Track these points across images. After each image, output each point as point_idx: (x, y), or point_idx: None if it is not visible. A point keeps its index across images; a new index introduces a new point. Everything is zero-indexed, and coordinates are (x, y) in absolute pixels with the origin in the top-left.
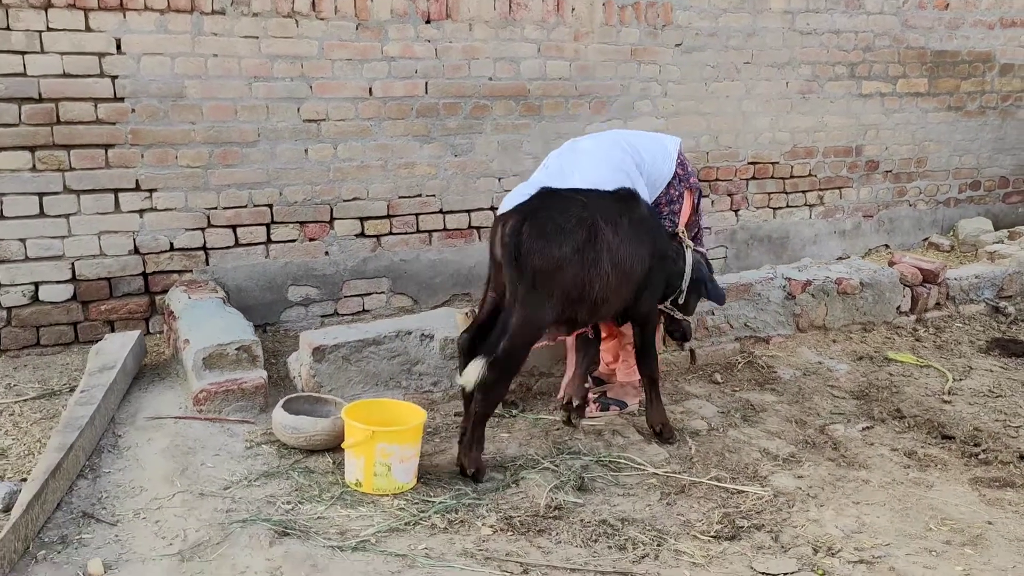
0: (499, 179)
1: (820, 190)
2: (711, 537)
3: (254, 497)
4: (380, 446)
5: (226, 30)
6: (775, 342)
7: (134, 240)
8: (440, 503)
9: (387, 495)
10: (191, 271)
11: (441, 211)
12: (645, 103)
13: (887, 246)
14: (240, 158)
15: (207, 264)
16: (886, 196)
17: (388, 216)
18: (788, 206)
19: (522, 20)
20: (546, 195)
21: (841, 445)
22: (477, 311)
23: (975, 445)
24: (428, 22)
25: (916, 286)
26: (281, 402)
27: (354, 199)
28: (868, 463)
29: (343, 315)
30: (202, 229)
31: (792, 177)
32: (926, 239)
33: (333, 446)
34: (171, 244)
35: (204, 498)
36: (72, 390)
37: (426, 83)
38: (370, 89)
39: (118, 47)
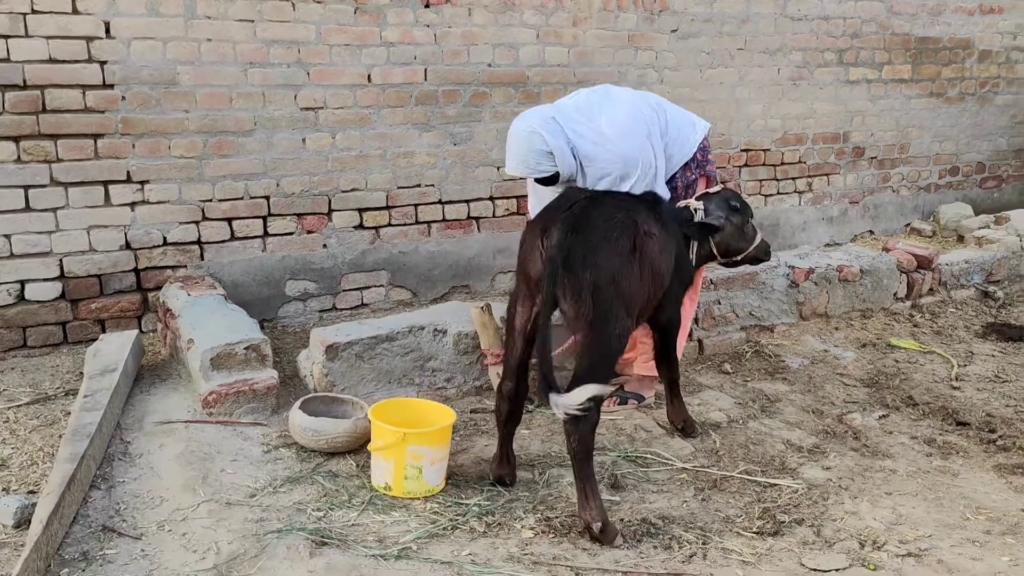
0: (498, 168)
1: (809, 176)
2: (755, 533)
3: (282, 505)
4: (411, 448)
5: (220, 13)
6: (779, 330)
7: (125, 235)
8: (475, 505)
9: (418, 498)
10: (185, 266)
11: (440, 201)
12: (642, 90)
13: (871, 232)
14: (236, 148)
15: (202, 259)
16: (871, 182)
17: (387, 207)
18: (779, 193)
19: (521, 5)
20: (586, 202)
21: (861, 434)
22: (507, 348)
23: (991, 431)
24: (427, 6)
25: (911, 272)
26: (298, 403)
27: (353, 190)
28: (891, 452)
29: (341, 310)
30: (196, 222)
31: (783, 164)
32: (908, 224)
33: (354, 448)
34: (164, 238)
35: (231, 507)
36: (67, 394)
37: (425, 69)
38: (369, 76)
39: (107, 31)
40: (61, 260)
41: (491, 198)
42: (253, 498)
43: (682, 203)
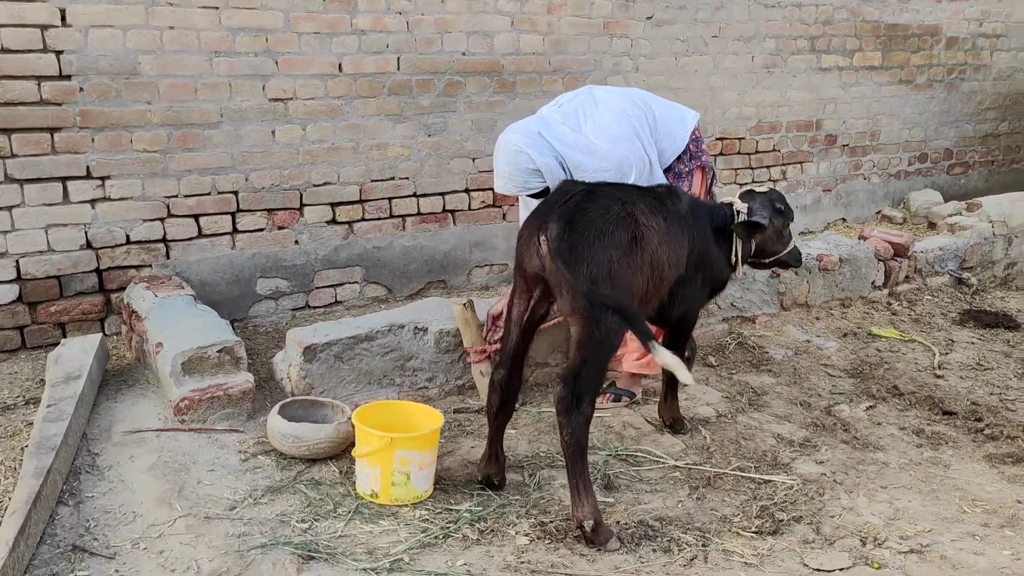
0: (473, 160)
1: (783, 165)
2: (754, 533)
3: (265, 517)
4: (399, 454)
5: (183, 0)
6: (761, 321)
7: (86, 233)
8: (466, 511)
9: (406, 505)
10: (150, 266)
11: (415, 194)
12: (617, 78)
13: (844, 220)
14: (201, 141)
15: (168, 258)
16: (843, 170)
17: (360, 201)
18: (753, 182)
19: None
20: (582, 195)
21: (851, 426)
22: (503, 340)
23: (977, 420)
24: None
25: (888, 260)
26: (276, 408)
27: (325, 183)
28: (881, 444)
29: (315, 308)
30: (161, 220)
31: (757, 152)
32: (879, 212)
33: (337, 453)
34: (127, 237)
35: (210, 521)
36: (28, 403)
37: (398, 58)
38: (340, 65)
39: (63, 18)
40: (17, 261)
41: (466, 190)
42: (233, 510)
43: (725, 199)
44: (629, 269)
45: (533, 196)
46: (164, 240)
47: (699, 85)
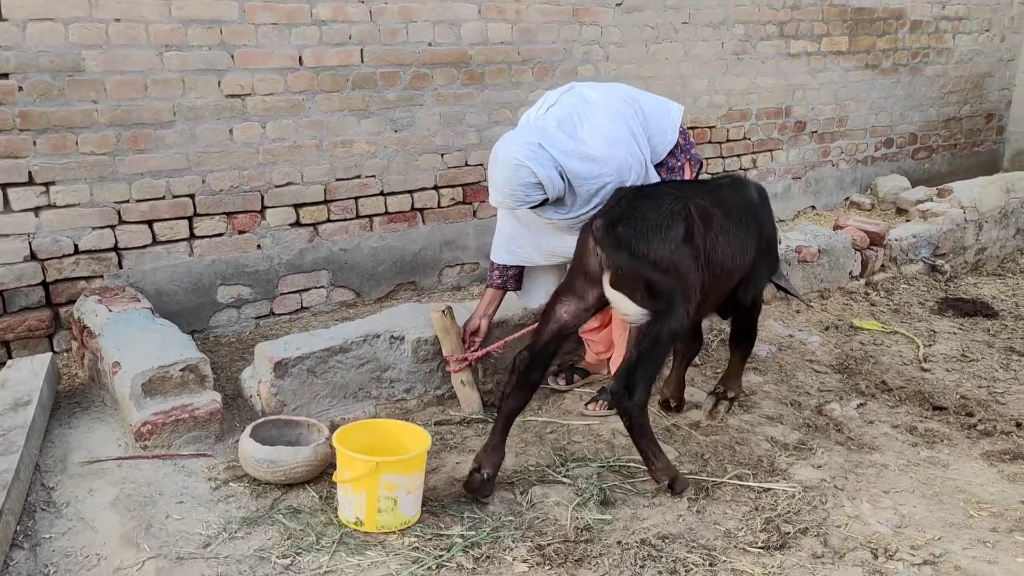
0: (442, 155)
1: (753, 153)
2: (760, 548)
3: (242, 553)
4: (385, 478)
5: None
6: None
7: (30, 244)
8: (459, 537)
9: (393, 532)
10: (102, 277)
11: (382, 193)
12: (588, 67)
13: (813, 207)
14: (154, 142)
15: (120, 267)
16: (812, 157)
17: (325, 201)
18: (724, 170)
19: None
20: (635, 193)
21: (844, 426)
22: (537, 329)
23: (968, 415)
24: None
25: (864, 249)
26: (248, 431)
27: (287, 184)
28: (876, 444)
29: (280, 315)
30: (112, 227)
31: (728, 141)
32: (847, 198)
33: (314, 477)
34: (76, 246)
35: (183, 562)
36: None
37: (361, 50)
38: (300, 58)
39: None
40: None
41: (435, 187)
42: (208, 548)
43: None
44: (684, 262)
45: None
46: (116, 249)
47: (670, 73)
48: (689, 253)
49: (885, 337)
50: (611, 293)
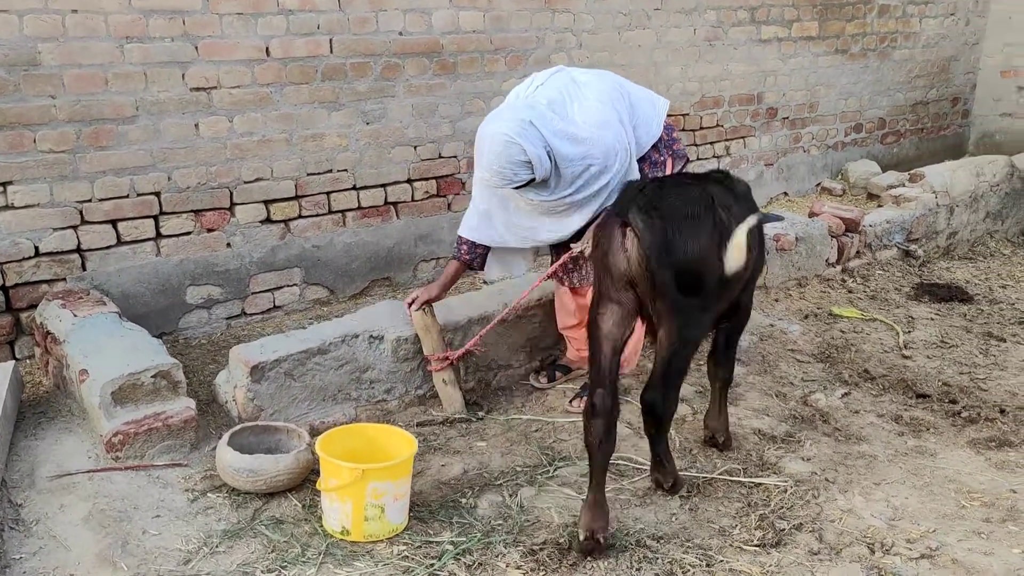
0: (415, 148)
1: (727, 140)
2: (756, 546)
3: (225, 569)
4: (372, 486)
5: None
6: None
7: None
8: (449, 544)
9: (381, 541)
10: (64, 279)
11: (355, 187)
12: (561, 55)
13: (786, 193)
14: (116, 138)
15: (84, 269)
16: (784, 143)
17: (296, 197)
18: (698, 159)
19: None
20: (657, 184)
21: (830, 417)
22: (595, 360)
23: (952, 402)
24: None
25: (840, 236)
26: (225, 439)
27: (257, 180)
28: (863, 434)
29: (251, 315)
30: (74, 227)
31: (701, 129)
32: (819, 184)
33: (296, 485)
34: (36, 249)
35: None
36: None
37: (330, 40)
38: (267, 49)
39: None
40: None
41: (409, 180)
42: (188, 564)
43: None
44: (715, 259)
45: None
46: (78, 250)
47: (643, 61)
48: (716, 246)
49: (864, 324)
50: (644, 291)
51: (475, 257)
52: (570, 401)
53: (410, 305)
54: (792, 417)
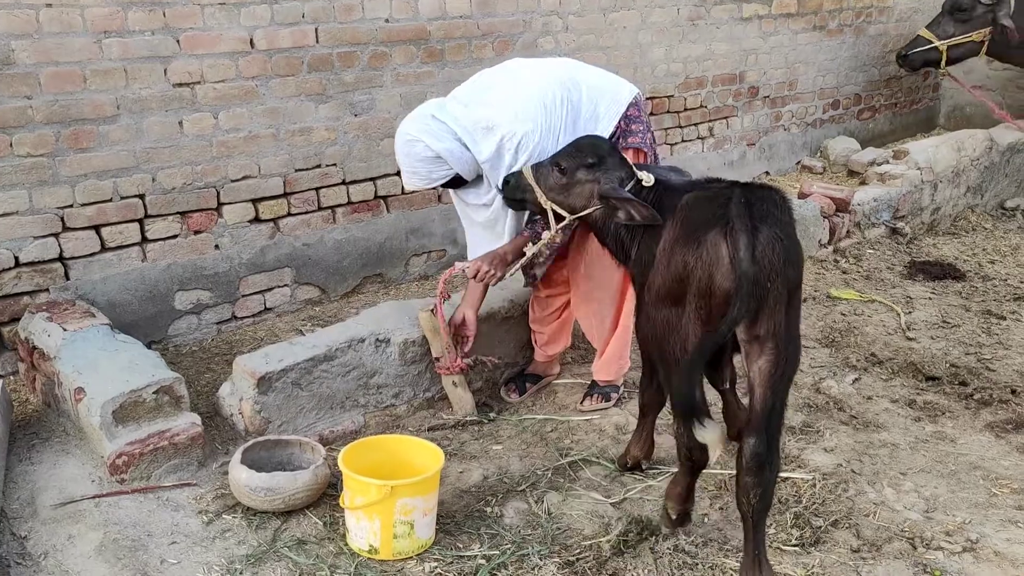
0: None
1: (710, 121)
2: (796, 547)
3: None
4: (401, 502)
5: None
6: None
7: None
8: (482, 558)
9: (411, 558)
10: (47, 290)
11: (344, 182)
12: (548, 39)
13: (767, 172)
14: (97, 139)
15: (67, 279)
16: (765, 122)
17: (285, 195)
18: (683, 140)
19: None
20: (741, 189)
21: (844, 404)
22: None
23: (962, 384)
24: None
25: (831, 216)
26: (238, 456)
27: (244, 178)
28: (880, 421)
29: (242, 318)
30: (56, 235)
31: (686, 110)
32: (799, 162)
33: (313, 501)
34: (16, 259)
35: None
36: None
37: (316, 29)
38: (251, 40)
39: None
40: None
41: (399, 173)
42: None
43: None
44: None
45: (446, 186)
46: (61, 258)
47: (628, 42)
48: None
49: (864, 306)
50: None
51: None
52: (581, 401)
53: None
54: (807, 406)
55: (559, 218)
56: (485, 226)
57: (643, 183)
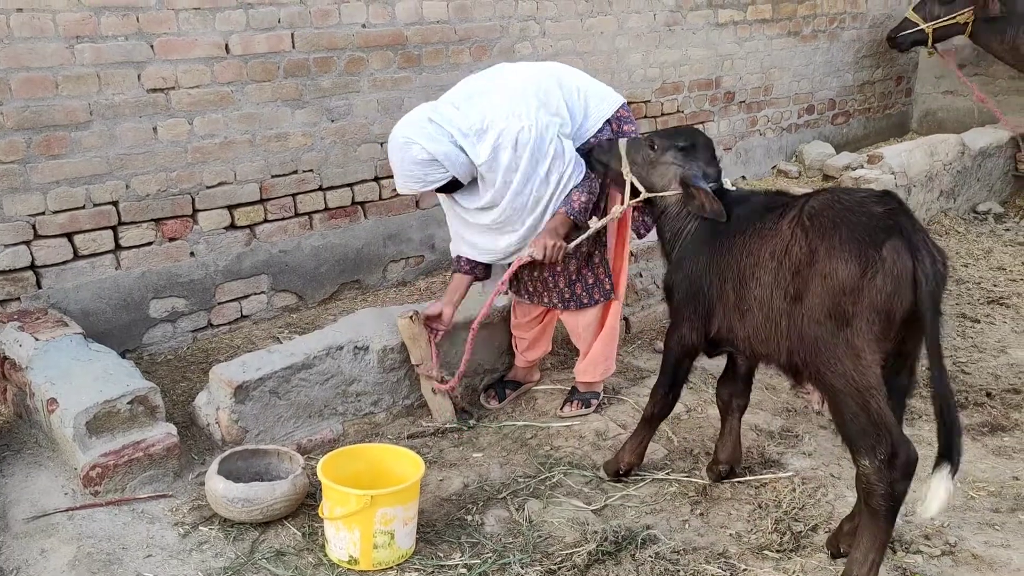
0: (381, 144)
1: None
2: (778, 552)
3: None
4: (381, 512)
5: None
6: None
7: None
8: (463, 567)
9: (391, 568)
10: (19, 299)
11: (321, 188)
12: (525, 45)
13: (744, 177)
14: (69, 145)
15: (39, 287)
16: (741, 127)
17: (261, 201)
18: None
19: None
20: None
21: (822, 408)
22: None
23: None
24: None
25: None
26: (214, 467)
27: (220, 184)
28: None
29: (218, 326)
30: (27, 243)
31: (663, 115)
32: (774, 167)
33: (292, 511)
34: None
35: None
36: None
37: (292, 34)
38: (226, 45)
39: None
40: None
41: (376, 179)
42: None
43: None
44: None
45: (440, 190)
46: (33, 267)
47: (605, 48)
48: None
49: None
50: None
51: (475, 266)
52: (561, 407)
53: (412, 317)
54: (786, 410)
55: (635, 193)
56: (492, 227)
57: (724, 186)
